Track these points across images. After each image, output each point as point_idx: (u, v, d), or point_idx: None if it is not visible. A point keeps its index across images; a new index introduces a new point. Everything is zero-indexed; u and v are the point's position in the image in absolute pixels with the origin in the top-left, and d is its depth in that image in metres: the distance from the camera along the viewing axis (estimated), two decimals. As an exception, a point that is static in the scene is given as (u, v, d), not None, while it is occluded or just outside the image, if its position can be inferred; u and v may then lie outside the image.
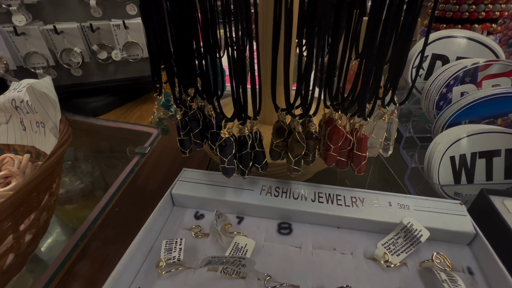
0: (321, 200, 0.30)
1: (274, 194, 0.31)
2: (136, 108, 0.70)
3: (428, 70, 0.43)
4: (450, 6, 0.48)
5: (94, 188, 0.46)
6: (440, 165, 0.36)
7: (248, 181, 0.32)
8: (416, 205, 0.29)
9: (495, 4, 0.45)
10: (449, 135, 0.37)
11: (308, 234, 0.29)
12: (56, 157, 0.27)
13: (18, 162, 0.38)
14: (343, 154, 0.27)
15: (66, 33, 0.55)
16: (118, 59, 0.59)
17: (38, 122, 0.38)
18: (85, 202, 0.44)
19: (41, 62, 0.55)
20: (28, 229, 0.27)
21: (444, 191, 0.37)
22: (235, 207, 0.31)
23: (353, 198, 0.30)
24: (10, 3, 0.48)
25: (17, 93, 0.37)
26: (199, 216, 0.31)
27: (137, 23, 0.57)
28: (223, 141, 0.25)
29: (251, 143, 0.26)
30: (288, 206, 0.29)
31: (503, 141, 0.36)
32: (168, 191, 0.31)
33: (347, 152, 0.27)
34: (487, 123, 0.39)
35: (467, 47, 0.41)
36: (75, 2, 0.55)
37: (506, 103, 0.38)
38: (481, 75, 0.39)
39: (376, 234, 0.29)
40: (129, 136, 0.60)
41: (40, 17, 0.54)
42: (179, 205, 0.32)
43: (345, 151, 0.27)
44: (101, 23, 0.57)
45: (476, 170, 0.37)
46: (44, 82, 0.34)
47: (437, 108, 0.40)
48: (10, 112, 0.40)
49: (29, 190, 0.24)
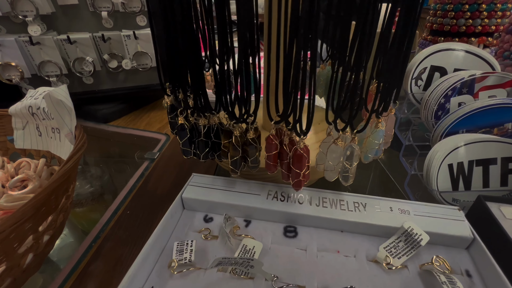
0: (325, 205, 0.31)
1: (280, 199, 0.32)
2: (145, 115, 0.72)
3: (427, 81, 0.44)
4: (447, 20, 0.50)
5: (104, 192, 0.48)
6: (438, 172, 0.38)
7: (255, 186, 0.34)
8: (416, 211, 0.31)
9: (491, 19, 0.47)
10: (447, 143, 0.39)
11: (313, 237, 0.30)
12: (73, 162, 0.29)
13: (34, 166, 0.40)
14: (284, 165, 0.28)
15: (79, 43, 0.57)
16: (128, 68, 0.61)
17: (54, 128, 0.40)
18: (95, 205, 0.45)
19: (54, 71, 0.57)
20: (46, 230, 0.29)
21: (442, 197, 0.38)
22: (243, 211, 0.32)
23: (356, 203, 0.32)
24: (26, 14, 0.51)
25: (33, 100, 0.39)
26: (208, 219, 0.33)
27: (147, 34, 0.60)
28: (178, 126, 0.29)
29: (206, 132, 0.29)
30: (294, 210, 0.31)
31: (499, 150, 0.38)
32: (178, 195, 0.33)
33: (287, 164, 0.28)
34: (484, 132, 0.41)
35: (464, 60, 0.43)
36: (88, 13, 0.57)
37: (502, 113, 0.40)
38: (477, 86, 0.41)
39: (378, 237, 0.30)
40: (138, 142, 0.61)
41: (54, 27, 0.57)
42: (189, 209, 0.34)
43: (285, 162, 0.28)
44: (112, 33, 0.59)
45: (473, 178, 0.39)
46: (60, 90, 0.36)
47: (436, 118, 0.42)
48: (27, 119, 0.41)
49: (49, 193, 0.26)
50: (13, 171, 0.40)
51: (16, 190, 0.37)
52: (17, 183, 0.38)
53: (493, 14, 0.47)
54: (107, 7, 0.56)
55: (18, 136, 0.42)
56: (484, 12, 0.46)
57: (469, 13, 0.47)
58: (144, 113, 0.72)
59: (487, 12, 0.47)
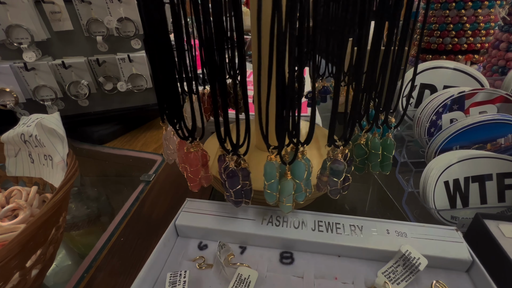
0: (321, 228, 0.31)
1: (275, 224, 0.32)
2: (141, 135, 0.72)
3: (418, 98, 0.45)
4: (434, 39, 0.51)
5: (100, 214, 0.47)
6: (435, 190, 0.38)
7: (250, 211, 0.33)
8: (413, 232, 0.30)
9: (475, 37, 0.48)
10: (441, 160, 0.39)
11: (310, 263, 0.29)
12: (63, 192, 0.28)
13: (26, 194, 0.39)
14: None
15: (74, 67, 0.57)
16: (123, 90, 0.62)
17: (46, 155, 0.39)
18: (91, 227, 0.45)
19: (49, 95, 0.57)
20: (34, 265, 0.28)
21: (441, 216, 0.38)
22: (237, 237, 0.31)
23: (352, 226, 0.31)
24: (21, 41, 0.51)
25: (26, 128, 0.39)
26: (202, 246, 0.32)
27: (141, 56, 0.61)
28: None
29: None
30: (289, 236, 0.30)
31: (494, 166, 0.38)
32: (172, 222, 0.32)
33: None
34: (477, 148, 0.41)
35: (452, 77, 0.44)
36: (83, 38, 0.58)
37: (494, 129, 0.40)
38: (467, 102, 0.42)
39: (376, 262, 0.29)
40: (134, 163, 0.61)
41: (49, 52, 0.57)
42: (183, 236, 0.33)
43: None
44: (107, 56, 0.60)
45: (470, 194, 0.39)
46: (52, 118, 0.36)
47: (429, 135, 0.42)
48: (19, 146, 0.41)
49: (36, 227, 0.25)
50: (4, 200, 0.39)
51: (7, 220, 0.36)
52: (8, 213, 0.37)
53: (477, 32, 0.48)
54: (101, 31, 0.57)
55: (10, 164, 0.42)
56: (469, 31, 0.48)
57: (454, 32, 0.49)
58: (140, 133, 0.72)
59: (471, 31, 0.48)
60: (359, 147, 0.32)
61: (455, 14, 0.46)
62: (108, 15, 0.55)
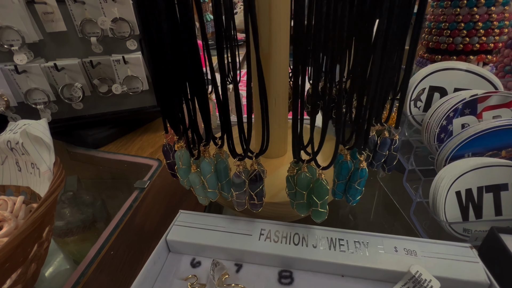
0: (323, 245, 0.28)
1: (273, 240, 0.29)
2: (137, 138, 0.70)
3: (427, 102, 0.42)
4: (443, 38, 0.49)
5: (95, 220, 0.46)
6: (446, 201, 0.35)
7: (247, 225, 0.31)
8: (424, 250, 0.28)
9: (488, 36, 0.45)
10: (453, 169, 0.36)
11: (311, 284, 0.27)
12: (45, 207, 0.26)
13: (12, 204, 0.37)
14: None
15: (67, 69, 0.56)
16: (119, 92, 0.60)
17: (33, 163, 0.38)
18: (87, 233, 0.43)
19: (42, 98, 0.56)
20: (14, 285, 0.26)
21: (452, 228, 0.35)
22: (233, 254, 0.29)
23: (357, 242, 0.29)
24: (12, 43, 0.49)
25: (13, 135, 0.37)
26: (195, 263, 0.30)
27: (137, 58, 0.58)
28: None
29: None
30: (289, 254, 0.28)
31: (509, 175, 0.35)
32: (163, 237, 0.30)
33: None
34: (491, 155, 0.38)
35: (464, 79, 0.41)
36: (77, 39, 0.56)
37: (509, 134, 0.37)
38: (480, 106, 0.39)
39: (383, 283, 0.27)
40: (129, 168, 0.59)
41: (42, 54, 0.55)
42: (175, 251, 0.31)
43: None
44: (102, 58, 0.58)
45: (484, 205, 0.36)
46: (38, 125, 0.34)
47: (439, 141, 0.39)
48: (6, 153, 0.39)
49: (13, 247, 0.23)
50: (-11, 210, 0.37)
51: (-9, 233, 0.34)
52: (-8, 224, 0.35)
53: (490, 32, 0.45)
54: (96, 32, 0.55)
55: (-3, 172, 0.40)
56: (481, 30, 0.45)
57: (465, 31, 0.46)
58: (136, 136, 0.70)
59: (483, 30, 0.45)
60: (303, 176, 0.25)
61: (466, 12, 0.43)
62: (102, 15, 0.53)
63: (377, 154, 0.29)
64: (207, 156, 0.27)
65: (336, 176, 0.27)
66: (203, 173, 0.27)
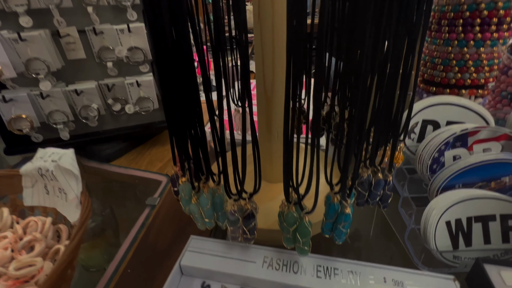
0: (319, 274, 0.32)
1: (275, 267, 0.33)
2: (146, 152, 0.74)
3: (420, 133, 0.45)
4: (437, 73, 0.51)
5: (105, 228, 0.49)
6: (436, 230, 0.38)
7: (252, 252, 0.34)
8: (410, 281, 0.31)
9: (479, 73, 0.48)
10: (443, 200, 0.39)
11: (308, 309, 0.30)
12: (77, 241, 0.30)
13: (42, 224, 0.42)
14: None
15: (85, 92, 0.60)
16: (131, 112, 0.64)
17: (61, 188, 0.42)
18: (97, 240, 0.47)
19: (62, 118, 0.60)
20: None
21: (443, 256, 0.38)
22: (239, 280, 0.33)
23: (350, 272, 0.32)
24: (38, 72, 0.54)
25: (43, 163, 0.41)
26: (205, 286, 0.34)
27: (149, 81, 0.62)
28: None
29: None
30: (288, 281, 0.31)
31: (497, 207, 0.38)
32: (177, 262, 0.34)
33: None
34: (481, 186, 0.41)
35: (456, 112, 0.43)
36: (94, 64, 0.60)
37: (498, 168, 0.40)
38: (471, 139, 0.42)
39: (372, 310, 0.30)
40: (140, 183, 0.63)
41: (62, 78, 0.60)
42: (188, 275, 0.35)
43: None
44: (116, 80, 0.62)
45: (473, 234, 0.39)
46: (68, 157, 0.38)
47: (431, 171, 0.42)
48: (36, 178, 0.43)
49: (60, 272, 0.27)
50: (21, 231, 0.41)
51: (24, 252, 0.38)
52: (25, 244, 0.39)
53: (481, 69, 0.47)
54: (112, 57, 0.59)
55: (27, 194, 0.44)
56: (472, 67, 0.47)
57: (457, 67, 0.48)
58: (145, 150, 0.74)
59: (474, 68, 0.47)
60: (290, 215, 0.28)
61: (457, 51, 0.46)
62: (119, 45, 0.57)
63: (372, 194, 0.32)
64: (206, 191, 0.31)
65: (325, 215, 0.30)
66: (201, 205, 0.31)
